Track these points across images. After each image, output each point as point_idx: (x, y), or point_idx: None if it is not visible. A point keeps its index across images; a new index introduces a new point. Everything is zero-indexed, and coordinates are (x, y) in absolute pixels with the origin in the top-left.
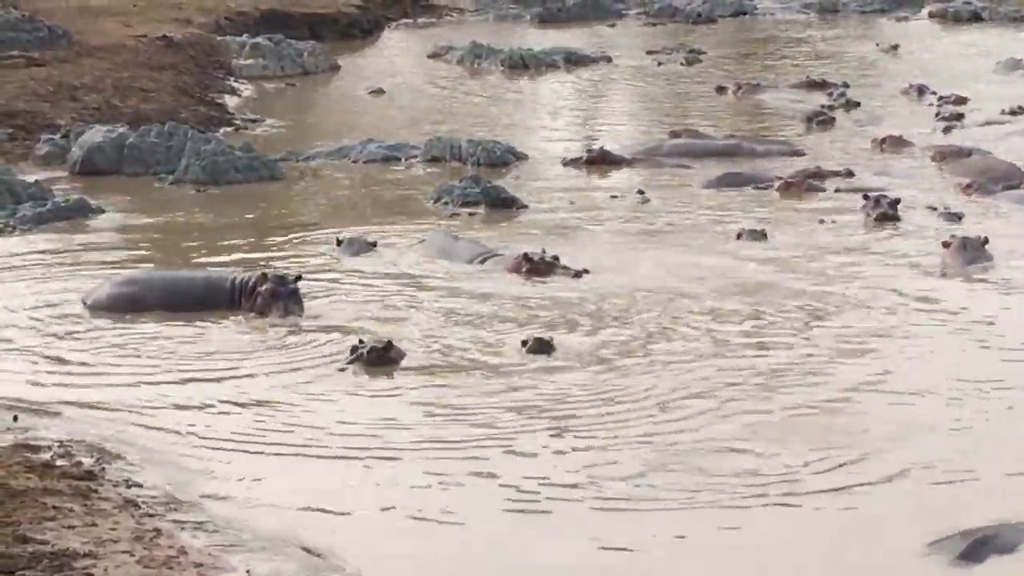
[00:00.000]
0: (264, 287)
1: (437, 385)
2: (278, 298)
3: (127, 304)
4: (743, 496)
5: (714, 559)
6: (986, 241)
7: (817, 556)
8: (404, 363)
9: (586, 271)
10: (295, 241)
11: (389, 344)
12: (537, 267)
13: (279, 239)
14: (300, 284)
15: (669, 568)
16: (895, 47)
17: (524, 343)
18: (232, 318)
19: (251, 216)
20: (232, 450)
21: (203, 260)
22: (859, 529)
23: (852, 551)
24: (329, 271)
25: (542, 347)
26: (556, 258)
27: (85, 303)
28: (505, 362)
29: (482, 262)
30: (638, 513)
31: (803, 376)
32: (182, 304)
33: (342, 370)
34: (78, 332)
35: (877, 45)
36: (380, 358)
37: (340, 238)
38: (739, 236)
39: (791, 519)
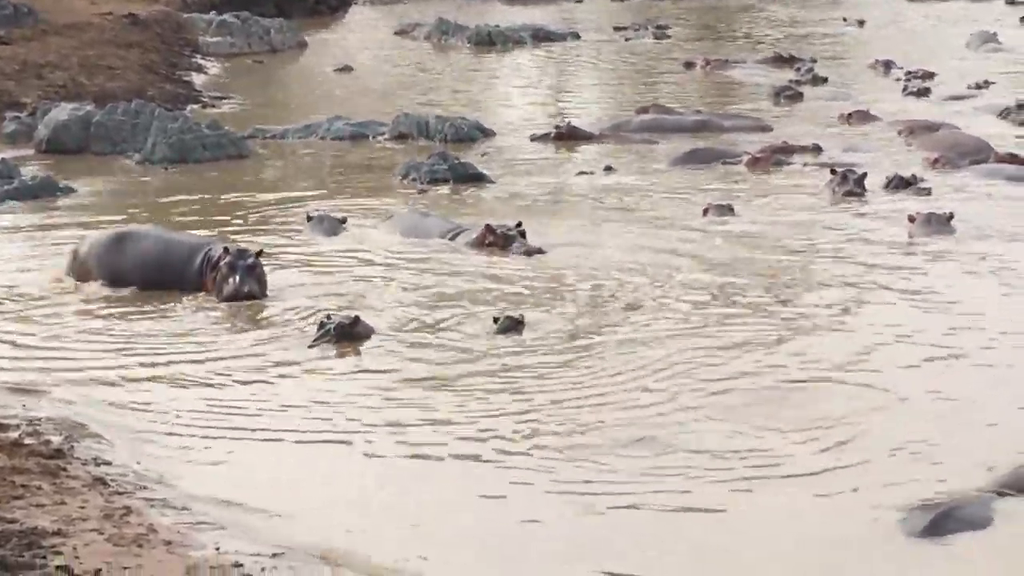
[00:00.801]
0: (223, 260)
1: (405, 362)
2: (234, 271)
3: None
4: (710, 474)
5: (682, 538)
6: (951, 216)
7: (782, 532)
8: (373, 340)
9: (540, 251)
10: (264, 218)
11: (356, 320)
12: (497, 240)
13: (248, 217)
14: (263, 260)
15: (635, 546)
16: (861, 22)
17: (495, 320)
18: (199, 295)
19: (219, 194)
20: (201, 429)
21: None
22: (825, 505)
23: (817, 527)
24: (298, 248)
25: (512, 325)
26: (522, 232)
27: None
28: (476, 340)
29: (452, 238)
30: (607, 496)
31: (770, 352)
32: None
33: (311, 347)
34: (42, 311)
35: (844, 20)
36: (347, 334)
37: (310, 215)
38: (706, 212)
39: (758, 496)
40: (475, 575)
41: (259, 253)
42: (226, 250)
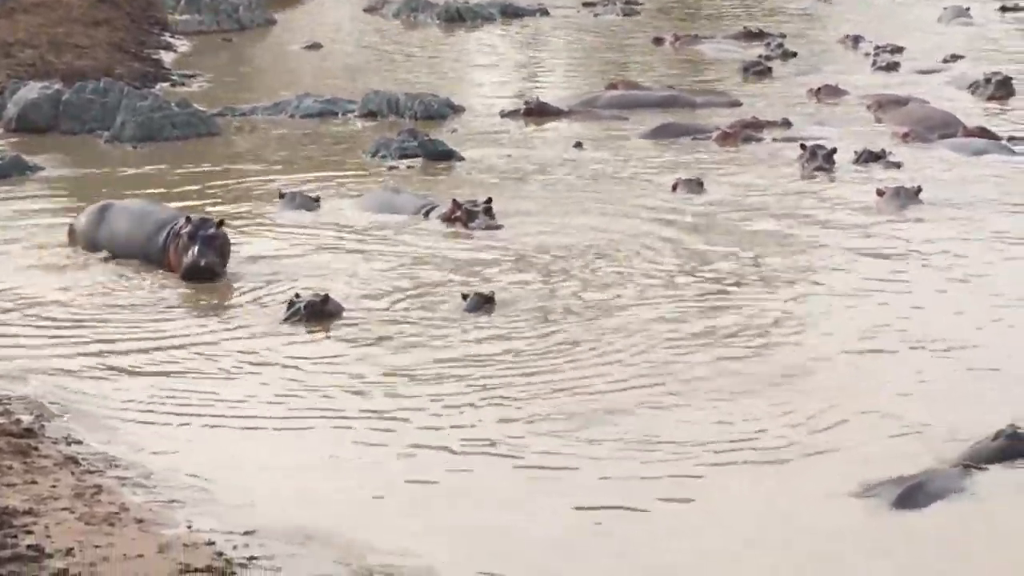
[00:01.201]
0: (183, 230)
1: (374, 342)
2: (194, 242)
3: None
4: (681, 452)
5: (652, 519)
6: (919, 190)
7: (753, 506)
8: (342, 317)
9: (499, 226)
10: (234, 196)
11: (326, 298)
12: (461, 215)
13: (218, 195)
14: (230, 233)
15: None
16: None
17: (464, 297)
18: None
19: (189, 172)
20: (171, 409)
21: None
22: (797, 480)
23: (789, 502)
24: (270, 225)
25: (482, 302)
26: (488, 209)
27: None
28: (446, 318)
29: (425, 214)
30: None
31: (742, 325)
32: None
33: (283, 323)
34: (13, 291)
35: None
36: (318, 312)
37: (282, 191)
38: (675, 187)
39: (729, 473)
40: (451, 554)
41: (220, 223)
42: (188, 219)
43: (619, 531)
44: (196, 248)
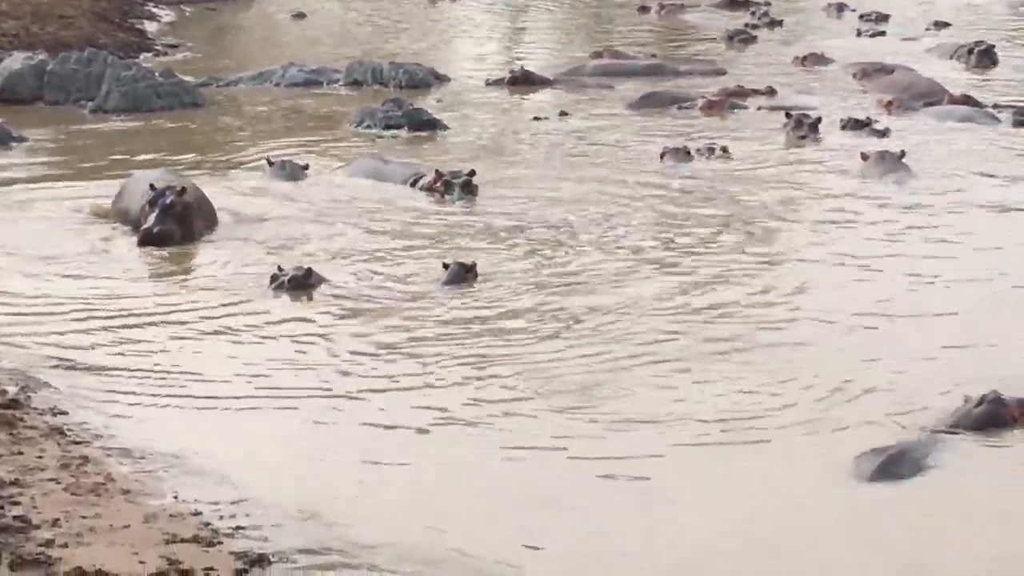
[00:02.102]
0: (147, 197)
1: (356, 314)
2: (153, 209)
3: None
4: (661, 427)
5: (627, 494)
6: (903, 154)
7: (730, 482)
8: (325, 289)
9: (472, 194)
10: (219, 166)
11: (309, 271)
12: (440, 185)
13: (203, 164)
14: (186, 199)
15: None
16: None
17: (445, 267)
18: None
19: (174, 142)
20: (155, 380)
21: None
22: (776, 452)
23: (769, 475)
24: (256, 195)
25: (463, 272)
26: (467, 183)
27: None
28: (427, 288)
29: (412, 184)
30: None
31: (727, 299)
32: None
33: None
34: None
35: None
36: (301, 285)
37: (271, 160)
38: (663, 156)
39: (707, 448)
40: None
41: (181, 191)
42: (151, 187)
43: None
44: (154, 215)
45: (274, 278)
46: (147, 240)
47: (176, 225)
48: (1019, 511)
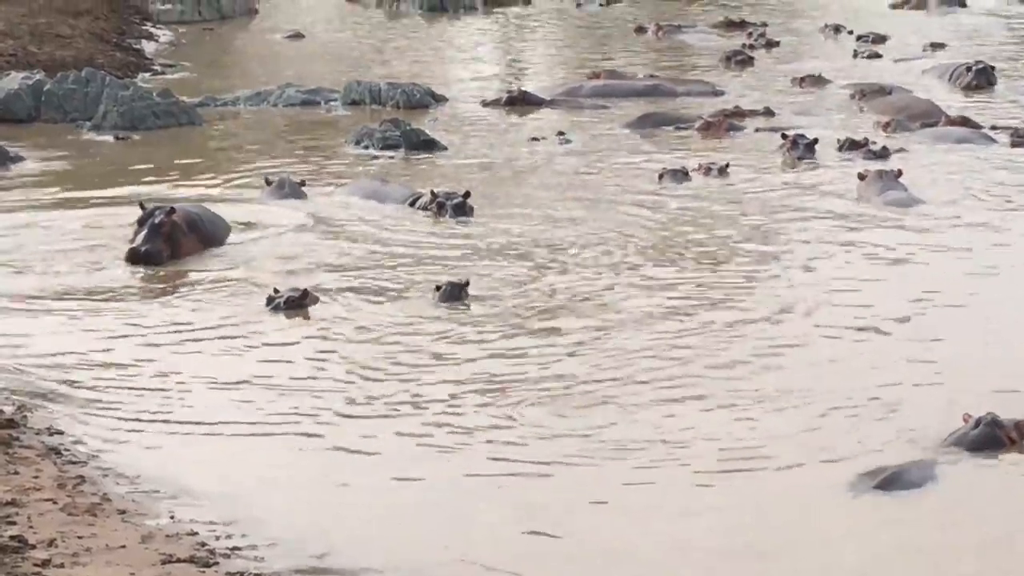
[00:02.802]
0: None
1: (350, 334)
2: (141, 227)
3: None
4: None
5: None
6: (900, 173)
7: (734, 493)
8: (320, 309)
9: (466, 215)
10: (217, 186)
11: (305, 293)
12: (434, 207)
13: (201, 185)
14: (175, 219)
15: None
16: None
17: (438, 288)
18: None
19: (172, 162)
20: (152, 400)
21: (124, 207)
22: (774, 471)
23: (768, 492)
24: (251, 215)
25: (456, 292)
26: (460, 205)
27: None
28: (420, 309)
29: (410, 205)
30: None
31: (726, 319)
32: None
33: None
34: None
35: None
36: (297, 307)
37: (268, 179)
38: (661, 176)
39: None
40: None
41: (171, 211)
42: (140, 205)
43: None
44: (142, 234)
45: (270, 299)
46: (134, 258)
47: (164, 245)
48: (1016, 531)
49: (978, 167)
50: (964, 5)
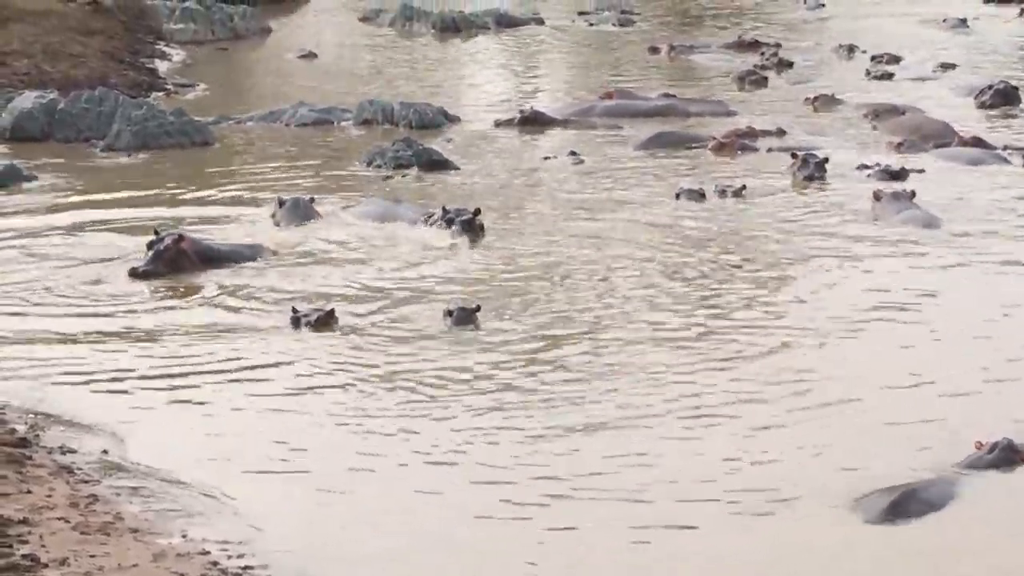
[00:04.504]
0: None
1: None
2: (149, 249)
3: None
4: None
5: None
6: (914, 194)
7: (742, 519)
8: (337, 332)
9: (470, 233)
10: (231, 204)
11: (332, 312)
12: (444, 224)
13: (214, 204)
14: (182, 246)
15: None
16: (821, 4)
17: (449, 313)
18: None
19: (185, 181)
20: (167, 419)
21: (137, 226)
22: (787, 491)
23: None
24: (267, 234)
25: (466, 317)
26: (469, 221)
27: None
28: (433, 331)
29: (423, 224)
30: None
31: (742, 343)
32: None
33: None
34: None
35: (805, 3)
36: (324, 325)
37: (282, 199)
38: (678, 195)
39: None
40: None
41: (179, 239)
42: (155, 231)
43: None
44: (147, 257)
45: (296, 320)
46: (134, 276)
47: (165, 269)
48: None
49: (991, 187)
50: None
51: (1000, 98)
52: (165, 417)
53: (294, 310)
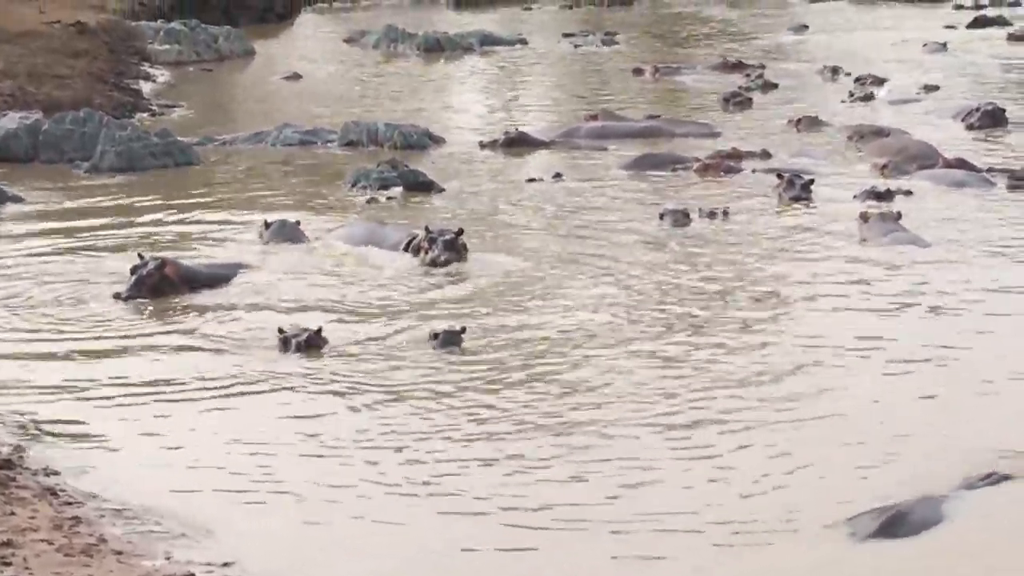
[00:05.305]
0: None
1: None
2: (132, 275)
3: None
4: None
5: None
6: (900, 215)
7: (725, 534)
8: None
9: (447, 261)
10: (214, 226)
11: (320, 330)
12: (426, 245)
13: (198, 225)
14: (166, 271)
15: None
16: (804, 27)
17: (434, 336)
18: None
19: (169, 202)
20: (152, 440)
21: (121, 248)
22: (776, 505)
23: (768, 528)
24: (250, 256)
25: (451, 339)
26: (450, 242)
27: None
28: (418, 353)
29: (407, 246)
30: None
31: (729, 366)
32: None
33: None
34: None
35: (794, 30)
36: (315, 345)
37: (268, 221)
38: (662, 216)
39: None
40: None
41: (162, 264)
42: (139, 255)
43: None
44: (129, 282)
45: (285, 342)
46: (118, 298)
47: (147, 296)
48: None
49: (976, 209)
50: None
51: (989, 119)
52: (145, 440)
53: (281, 331)
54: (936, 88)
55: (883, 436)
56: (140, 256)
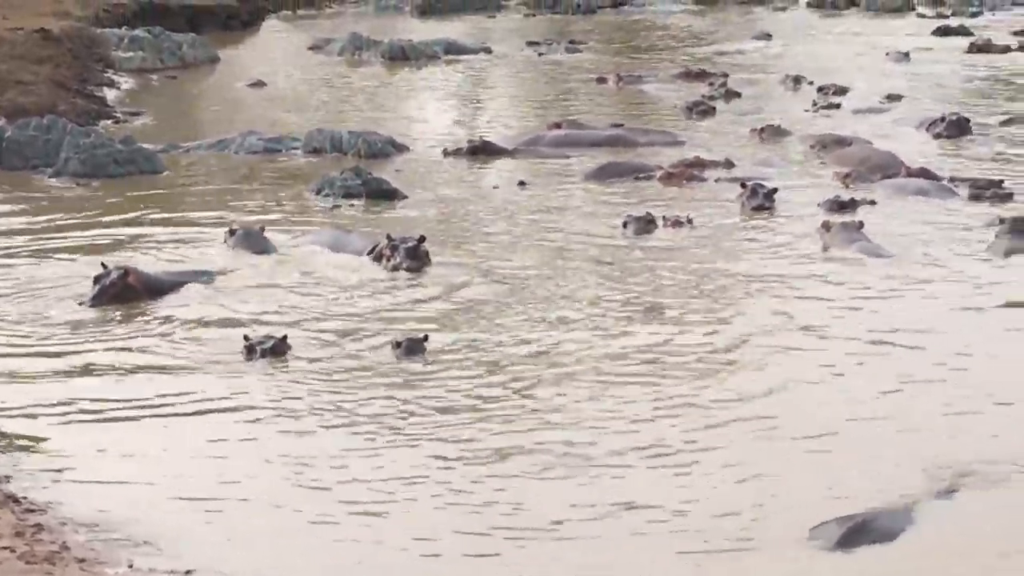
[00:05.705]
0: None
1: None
2: (94, 285)
3: None
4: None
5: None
6: (862, 224)
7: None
8: (289, 361)
9: (411, 268)
10: (178, 233)
11: (285, 338)
12: (387, 253)
13: (162, 232)
14: (129, 280)
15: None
16: (768, 36)
17: (397, 344)
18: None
19: (133, 210)
20: (117, 448)
21: (85, 255)
22: (741, 515)
23: (731, 537)
24: (214, 263)
25: (414, 347)
26: (413, 249)
27: None
28: (377, 363)
29: (370, 252)
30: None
31: (690, 370)
32: None
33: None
34: None
35: (757, 39)
36: (279, 351)
37: (232, 228)
38: (625, 224)
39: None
40: None
41: (125, 274)
42: (103, 265)
43: None
44: (93, 291)
45: (250, 349)
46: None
47: (110, 304)
48: None
49: (938, 218)
50: None
51: (955, 129)
52: (106, 450)
53: (246, 338)
54: (899, 97)
55: (847, 446)
56: (103, 265)
